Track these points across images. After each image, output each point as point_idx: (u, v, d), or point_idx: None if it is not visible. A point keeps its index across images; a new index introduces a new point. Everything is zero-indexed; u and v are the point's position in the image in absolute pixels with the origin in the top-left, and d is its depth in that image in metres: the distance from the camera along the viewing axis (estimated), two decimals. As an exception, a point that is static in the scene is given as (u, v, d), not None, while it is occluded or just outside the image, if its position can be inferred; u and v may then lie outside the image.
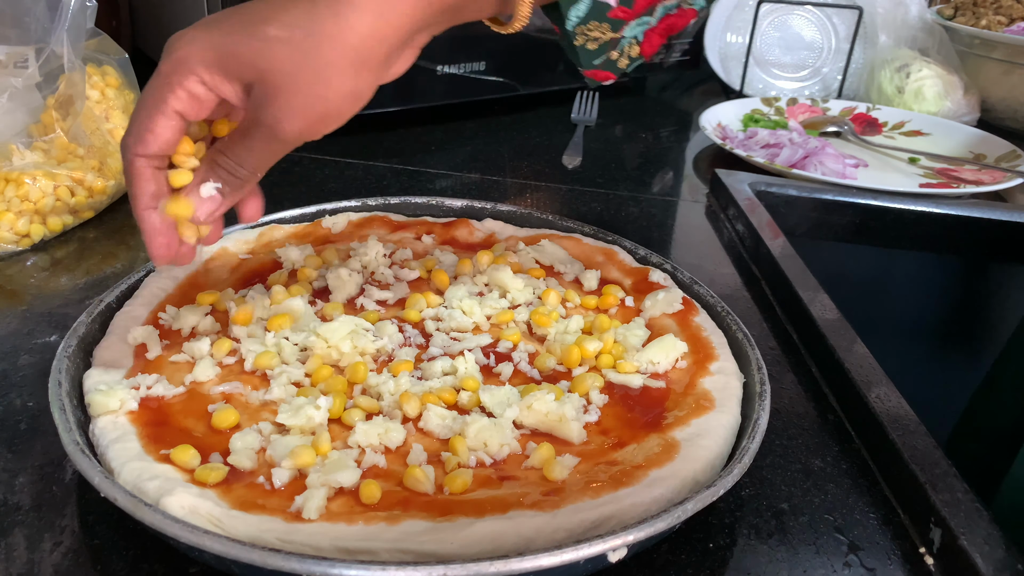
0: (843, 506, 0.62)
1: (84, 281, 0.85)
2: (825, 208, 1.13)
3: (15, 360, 0.72)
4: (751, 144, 1.32)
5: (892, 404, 0.67)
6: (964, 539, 0.55)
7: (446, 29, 0.63)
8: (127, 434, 0.58)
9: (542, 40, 1.37)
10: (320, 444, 0.57)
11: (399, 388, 0.64)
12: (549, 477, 0.56)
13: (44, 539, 0.55)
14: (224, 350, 0.68)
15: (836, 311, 0.81)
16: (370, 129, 1.31)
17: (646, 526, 0.51)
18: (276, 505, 0.53)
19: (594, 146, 1.33)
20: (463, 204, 0.94)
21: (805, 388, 0.76)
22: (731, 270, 0.96)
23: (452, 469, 0.57)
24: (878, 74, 1.57)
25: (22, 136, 0.90)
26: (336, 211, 0.91)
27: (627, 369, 0.68)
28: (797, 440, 0.69)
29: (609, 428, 0.63)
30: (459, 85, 1.33)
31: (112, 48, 1.02)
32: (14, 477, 0.60)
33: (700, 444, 0.59)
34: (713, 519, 0.60)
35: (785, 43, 1.68)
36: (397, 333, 0.72)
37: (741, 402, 0.65)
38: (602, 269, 0.84)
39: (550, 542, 0.51)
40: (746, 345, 0.70)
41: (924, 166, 1.32)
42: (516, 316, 0.76)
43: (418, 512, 0.52)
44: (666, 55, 1.58)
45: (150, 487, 0.53)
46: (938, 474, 0.60)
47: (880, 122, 1.48)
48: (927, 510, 0.58)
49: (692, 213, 1.12)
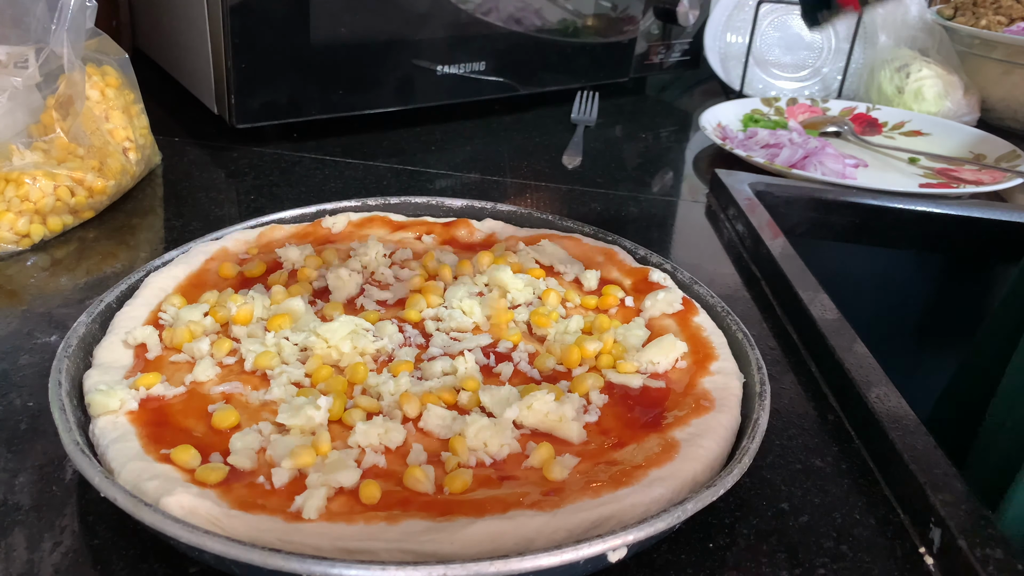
0: (843, 506, 0.62)
1: (84, 281, 0.85)
2: (825, 208, 1.13)
3: (15, 360, 0.72)
4: (751, 144, 1.32)
5: (892, 404, 0.68)
6: (964, 539, 0.55)
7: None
8: (127, 434, 0.58)
9: (542, 40, 1.38)
10: (320, 444, 0.57)
11: (399, 388, 0.64)
12: (549, 477, 0.56)
13: (44, 539, 0.55)
14: (224, 350, 0.68)
15: (836, 311, 0.81)
16: (370, 129, 1.31)
17: (646, 526, 0.51)
18: (276, 505, 0.53)
19: (594, 146, 1.33)
20: (463, 204, 0.94)
21: (805, 388, 0.76)
22: (731, 270, 0.96)
23: (452, 469, 0.57)
24: (878, 74, 1.57)
25: (22, 136, 0.90)
26: (336, 211, 0.91)
27: (627, 369, 0.68)
28: (797, 440, 0.69)
29: (609, 428, 0.63)
30: (459, 85, 1.33)
31: (112, 48, 1.02)
32: (14, 477, 0.60)
33: (700, 444, 0.59)
34: (713, 519, 0.60)
35: (785, 43, 1.68)
36: (397, 333, 0.72)
37: (741, 402, 0.65)
38: (602, 269, 0.84)
39: (550, 542, 0.51)
40: (746, 345, 0.70)
41: (924, 166, 1.32)
42: (516, 316, 0.76)
43: (418, 512, 0.52)
44: (666, 55, 1.58)
45: (150, 487, 0.53)
46: (938, 474, 0.60)
47: (880, 122, 1.48)
48: (927, 510, 0.58)
49: (692, 213, 1.12)
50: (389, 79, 1.26)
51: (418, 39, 1.25)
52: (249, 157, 1.19)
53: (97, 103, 0.98)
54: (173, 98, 1.36)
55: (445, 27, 1.26)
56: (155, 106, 1.18)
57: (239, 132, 1.20)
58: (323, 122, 1.26)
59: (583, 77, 1.50)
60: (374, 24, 1.20)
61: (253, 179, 1.13)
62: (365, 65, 1.22)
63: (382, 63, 1.23)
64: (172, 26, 1.30)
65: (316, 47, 1.17)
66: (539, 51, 1.39)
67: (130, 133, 1.02)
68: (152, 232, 0.97)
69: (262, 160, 1.18)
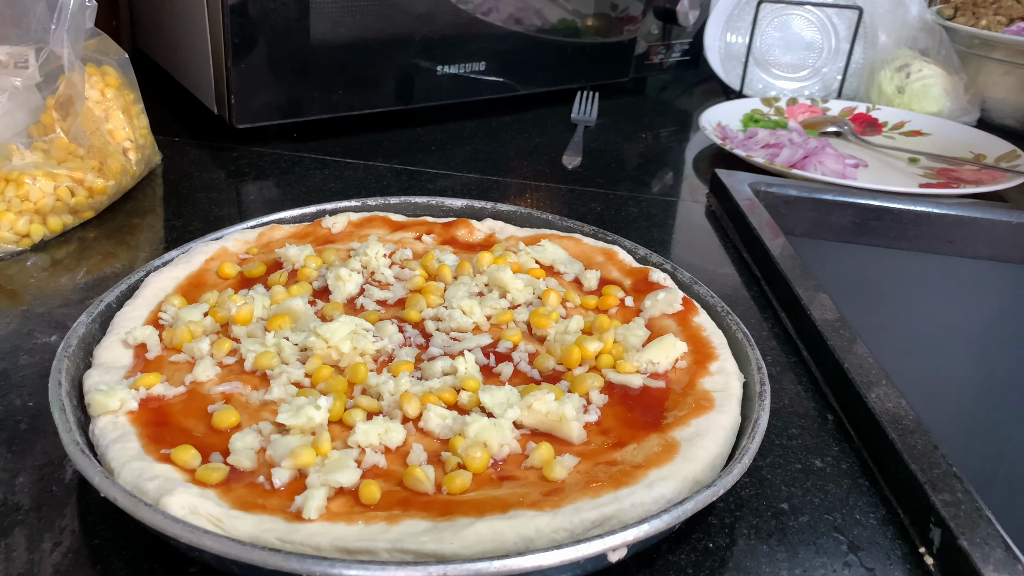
0: (843, 506, 0.62)
1: (84, 281, 0.85)
2: (825, 208, 1.13)
3: (15, 360, 0.72)
4: (751, 144, 1.32)
5: (892, 404, 0.68)
6: (964, 539, 0.55)
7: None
8: (127, 434, 0.58)
9: (542, 40, 1.38)
10: (320, 444, 0.57)
11: (399, 388, 0.64)
12: (549, 477, 0.56)
13: (44, 539, 0.55)
14: (224, 350, 0.68)
15: (836, 311, 0.81)
16: (370, 129, 1.31)
17: (646, 526, 0.51)
18: (276, 505, 0.53)
19: (594, 146, 1.33)
20: (463, 204, 0.94)
21: (805, 388, 0.76)
22: (731, 270, 0.96)
23: (452, 469, 0.57)
24: (878, 74, 1.57)
25: (22, 136, 0.90)
26: (336, 211, 0.91)
27: (627, 369, 0.68)
28: (797, 440, 0.69)
29: (609, 428, 0.63)
30: (459, 85, 1.33)
31: (112, 48, 1.03)
32: (14, 477, 0.60)
33: (700, 444, 0.59)
34: (713, 519, 0.60)
35: (785, 43, 1.68)
36: (397, 333, 0.72)
37: (741, 402, 0.65)
38: (602, 269, 0.84)
39: (550, 542, 0.51)
40: (746, 345, 0.71)
41: (924, 166, 1.33)
42: (516, 316, 0.76)
43: (418, 512, 0.52)
44: (666, 55, 1.58)
45: (150, 487, 0.53)
46: (938, 474, 0.60)
47: (880, 122, 1.48)
48: (927, 510, 0.58)
49: (692, 213, 1.13)
50: (389, 79, 1.26)
51: (418, 39, 1.25)
52: (249, 157, 1.19)
53: (97, 103, 0.99)
54: (173, 98, 1.36)
55: (445, 27, 1.26)
56: (155, 106, 1.18)
57: (239, 132, 1.21)
58: (323, 122, 1.26)
59: (583, 77, 1.50)
60: (374, 24, 1.20)
61: (253, 179, 1.13)
62: (365, 65, 1.22)
63: (382, 63, 1.24)
64: (172, 26, 1.30)
65: (316, 47, 1.17)
66: (539, 51, 1.40)
67: (130, 133, 1.02)
68: (152, 232, 0.97)
69: (262, 160, 1.18)
